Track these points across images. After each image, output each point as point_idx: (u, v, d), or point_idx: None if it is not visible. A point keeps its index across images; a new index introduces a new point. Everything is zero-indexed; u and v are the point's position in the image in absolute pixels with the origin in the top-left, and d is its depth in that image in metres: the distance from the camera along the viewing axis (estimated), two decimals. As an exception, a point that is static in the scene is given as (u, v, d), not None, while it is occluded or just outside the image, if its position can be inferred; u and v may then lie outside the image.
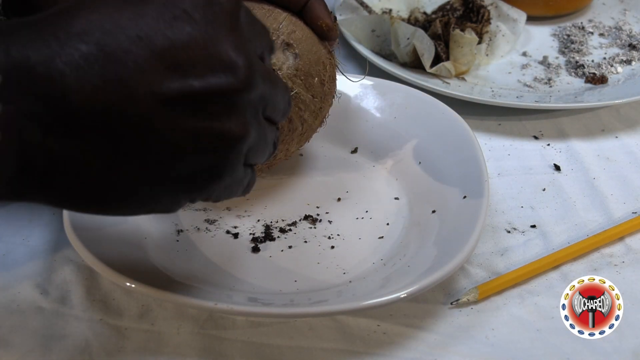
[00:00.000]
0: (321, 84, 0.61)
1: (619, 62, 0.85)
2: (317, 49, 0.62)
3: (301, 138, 0.63)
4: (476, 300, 0.58)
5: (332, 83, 0.63)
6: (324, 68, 0.62)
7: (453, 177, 0.64)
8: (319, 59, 0.61)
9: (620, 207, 0.67)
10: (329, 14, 0.62)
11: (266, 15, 0.60)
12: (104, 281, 0.59)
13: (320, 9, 0.62)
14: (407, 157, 0.69)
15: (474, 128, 0.70)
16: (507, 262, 0.62)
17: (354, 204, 0.65)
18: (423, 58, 0.79)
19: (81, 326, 0.56)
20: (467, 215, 0.59)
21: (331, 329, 0.56)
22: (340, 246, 0.61)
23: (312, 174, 0.69)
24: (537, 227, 0.65)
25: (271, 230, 0.62)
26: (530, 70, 0.85)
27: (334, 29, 0.62)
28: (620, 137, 0.76)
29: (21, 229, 0.63)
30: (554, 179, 0.71)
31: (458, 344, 0.55)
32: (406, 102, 0.72)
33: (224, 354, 0.54)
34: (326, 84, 0.62)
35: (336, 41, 0.64)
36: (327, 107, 0.64)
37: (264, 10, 0.61)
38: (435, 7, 0.89)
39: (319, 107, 0.62)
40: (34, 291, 0.58)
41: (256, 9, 0.60)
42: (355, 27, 0.85)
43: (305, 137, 0.63)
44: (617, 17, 0.95)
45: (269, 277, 0.58)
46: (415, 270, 0.56)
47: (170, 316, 0.57)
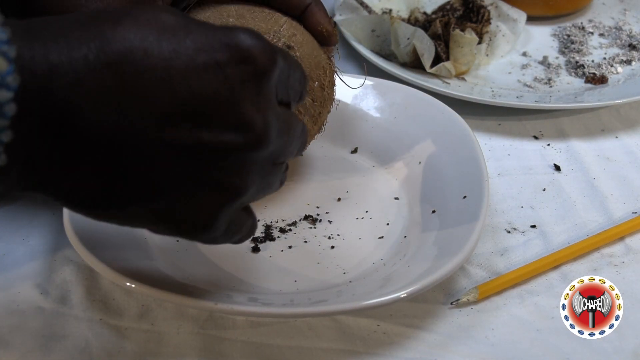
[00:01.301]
0: (321, 88, 0.61)
1: (619, 62, 0.85)
2: (318, 54, 0.61)
3: None
4: (476, 300, 0.58)
5: (331, 89, 0.63)
6: (324, 73, 0.62)
7: (453, 177, 0.64)
8: (319, 63, 0.61)
9: (620, 207, 0.67)
10: (329, 19, 0.62)
11: (267, 18, 0.60)
12: (104, 281, 0.59)
13: (321, 14, 0.61)
14: (407, 157, 0.69)
15: (474, 128, 0.70)
16: (507, 262, 0.62)
17: (354, 204, 0.65)
18: (423, 58, 0.79)
19: (81, 326, 0.56)
20: (467, 215, 0.59)
21: (331, 329, 0.56)
22: (340, 246, 0.61)
23: (312, 174, 0.69)
24: (537, 227, 0.65)
25: (271, 230, 0.63)
26: (530, 70, 0.85)
27: (334, 35, 0.62)
28: (620, 137, 0.76)
29: (21, 229, 0.63)
30: (554, 179, 0.71)
31: (458, 344, 0.55)
32: (406, 102, 0.72)
33: (224, 354, 0.54)
34: (326, 89, 0.62)
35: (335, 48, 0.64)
36: (326, 113, 0.63)
37: (265, 13, 0.60)
38: (435, 7, 0.89)
39: (318, 112, 0.62)
40: (34, 291, 0.58)
41: (257, 13, 0.60)
42: (355, 27, 0.84)
43: None
44: (617, 17, 0.95)
45: (269, 277, 0.58)
46: (415, 270, 0.55)
47: (170, 316, 0.57)
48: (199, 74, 0.41)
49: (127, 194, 0.42)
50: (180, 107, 0.40)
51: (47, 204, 0.65)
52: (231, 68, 0.41)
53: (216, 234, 0.46)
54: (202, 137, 0.41)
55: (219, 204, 0.44)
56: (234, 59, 0.41)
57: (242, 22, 0.59)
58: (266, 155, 0.44)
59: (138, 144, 0.41)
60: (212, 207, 0.44)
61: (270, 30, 0.59)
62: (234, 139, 0.42)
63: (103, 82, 0.39)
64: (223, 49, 0.41)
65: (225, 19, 0.59)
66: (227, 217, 0.45)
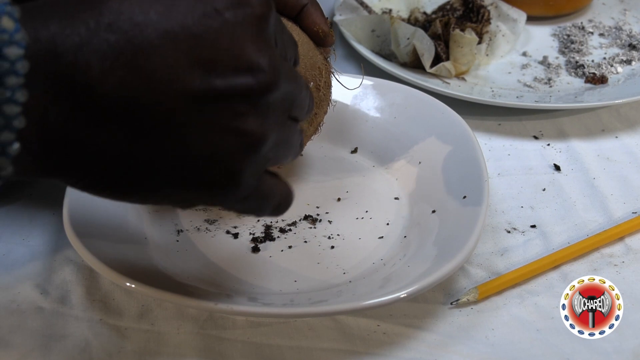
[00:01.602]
0: (317, 89, 0.61)
1: (619, 62, 0.85)
2: (314, 54, 0.61)
3: None
4: (476, 300, 0.58)
5: (327, 90, 0.63)
6: (319, 73, 0.61)
7: (453, 177, 0.64)
8: (315, 64, 0.61)
9: (620, 207, 0.67)
10: (325, 20, 0.62)
11: None
12: (104, 281, 0.59)
13: (317, 14, 0.62)
14: (407, 157, 0.69)
15: (474, 128, 0.70)
16: (507, 262, 0.62)
17: (354, 204, 0.65)
18: (423, 58, 0.79)
19: (81, 326, 0.56)
20: (467, 215, 0.59)
21: (331, 329, 0.56)
22: (340, 246, 0.61)
23: (312, 174, 0.69)
24: (537, 227, 0.65)
25: (271, 230, 0.63)
26: (530, 70, 0.85)
27: (330, 35, 0.62)
28: (620, 137, 0.76)
29: (21, 229, 0.63)
30: (554, 179, 0.71)
31: (458, 344, 0.55)
32: (406, 102, 0.72)
33: (224, 354, 0.54)
34: (322, 89, 0.62)
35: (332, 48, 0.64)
36: (322, 114, 0.63)
37: None
38: (435, 7, 0.89)
39: (314, 112, 0.62)
40: (34, 291, 0.58)
41: None
42: (355, 27, 0.85)
43: None
44: (617, 17, 0.95)
45: (269, 277, 0.58)
46: (415, 270, 0.56)
47: (170, 316, 0.57)
48: (199, 22, 0.41)
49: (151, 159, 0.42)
50: (186, 56, 0.41)
51: (47, 204, 0.65)
52: (229, 12, 0.42)
53: (246, 191, 0.45)
54: (214, 84, 0.42)
55: (242, 153, 0.44)
56: (231, 4, 0.42)
57: None
58: (280, 98, 0.45)
59: (152, 101, 0.41)
60: (235, 157, 0.44)
61: None
62: (246, 81, 0.42)
63: (107, 42, 0.40)
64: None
65: None
66: (254, 171, 0.45)
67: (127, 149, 0.41)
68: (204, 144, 0.43)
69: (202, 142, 0.42)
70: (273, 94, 0.44)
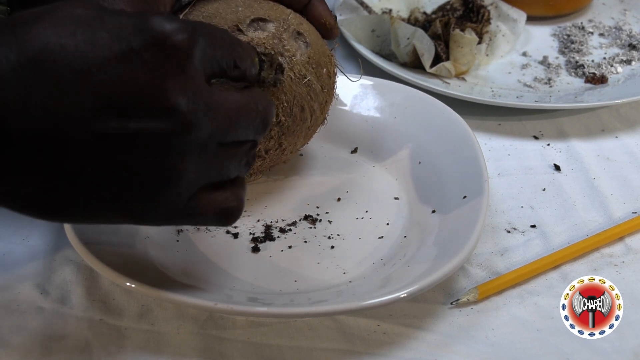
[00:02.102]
0: (328, 76, 0.62)
1: (619, 62, 0.85)
2: (323, 43, 0.63)
3: (308, 132, 0.63)
4: (476, 300, 0.58)
5: (334, 79, 0.64)
6: (329, 61, 0.62)
7: (453, 177, 0.64)
8: (325, 51, 0.62)
9: (620, 207, 0.67)
10: (330, 13, 0.63)
11: (274, 8, 0.61)
12: (104, 281, 0.59)
13: (323, 7, 0.63)
14: (407, 157, 0.69)
15: (474, 128, 0.70)
16: (507, 262, 0.62)
17: (354, 204, 0.65)
18: (423, 58, 0.79)
19: (81, 326, 0.56)
20: (467, 215, 0.59)
21: (331, 329, 0.56)
22: (340, 246, 0.61)
23: (312, 174, 0.69)
24: (537, 227, 0.65)
25: (271, 230, 0.62)
26: (530, 70, 0.85)
27: (335, 28, 0.63)
28: (620, 137, 0.76)
29: (21, 229, 0.63)
30: (554, 179, 0.71)
31: (458, 344, 0.55)
32: (406, 102, 0.72)
33: (224, 354, 0.54)
34: (332, 76, 0.63)
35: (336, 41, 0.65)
36: (330, 102, 0.64)
37: (271, 4, 0.62)
38: (435, 7, 0.89)
39: (325, 100, 0.62)
40: (34, 291, 0.58)
41: (264, 3, 0.61)
42: (355, 27, 0.85)
43: (311, 131, 0.64)
44: (617, 17, 0.95)
45: (269, 277, 0.58)
46: (415, 270, 0.56)
47: (170, 316, 0.57)
48: (116, 63, 0.40)
49: (74, 193, 0.42)
50: (102, 99, 0.40)
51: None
52: (148, 53, 0.41)
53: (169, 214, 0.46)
54: (129, 127, 0.41)
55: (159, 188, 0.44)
56: (149, 44, 0.41)
57: (251, 11, 0.60)
58: (202, 137, 0.44)
59: (69, 140, 0.40)
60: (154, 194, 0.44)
61: (279, 17, 0.60)
62: (160, 125, 0.42)
63: (26, 80, 0.39)
64: (137, 34, 0.41)
65: (234, 9, 0.60)
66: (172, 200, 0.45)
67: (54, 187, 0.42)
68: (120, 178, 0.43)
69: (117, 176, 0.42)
70: (192, 135, 0.43)
